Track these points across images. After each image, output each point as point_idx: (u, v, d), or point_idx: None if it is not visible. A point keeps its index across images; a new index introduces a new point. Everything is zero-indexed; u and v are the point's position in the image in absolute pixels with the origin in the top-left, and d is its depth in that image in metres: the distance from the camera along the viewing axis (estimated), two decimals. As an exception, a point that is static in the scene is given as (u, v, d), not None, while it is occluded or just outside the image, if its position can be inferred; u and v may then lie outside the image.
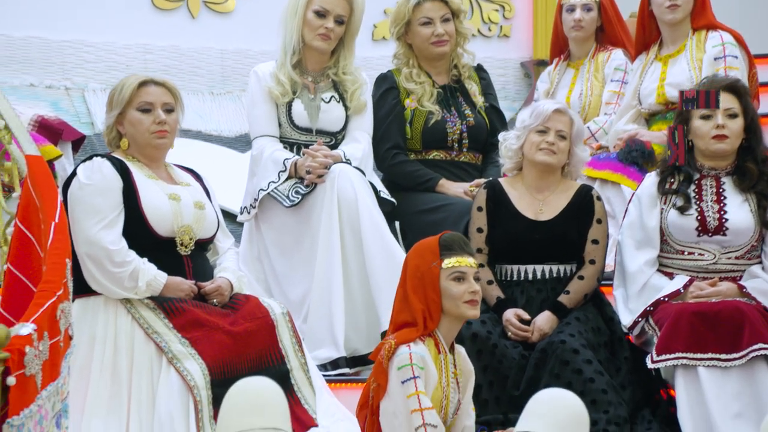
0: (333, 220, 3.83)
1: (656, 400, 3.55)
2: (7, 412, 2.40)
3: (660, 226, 3.63)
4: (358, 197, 3.83)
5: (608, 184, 4.26)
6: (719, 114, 3.58)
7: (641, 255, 3.63)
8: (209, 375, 3.24)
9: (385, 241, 3.81)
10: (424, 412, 2.92)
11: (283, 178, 3.94)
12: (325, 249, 3.83)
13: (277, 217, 3.97)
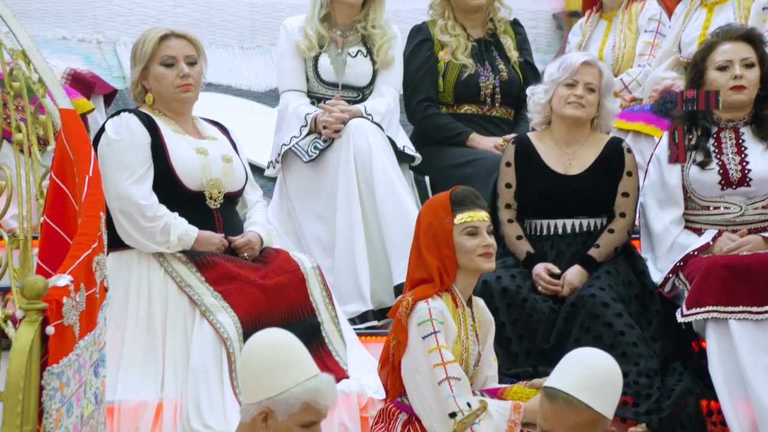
0: (350, 175, 3.83)
1: (687, 353, 3.55)
2: (48, 360, 2.45)
3: (682, 184, 3.60)
4: (372, 152, 3.82)
5: (641, 137, 4.22)
6: (736, 64, 3.52)
7: (666, 215, 3.60)
8: (241, 327, 3.29)
9: (398, 197, 3.81)
10: (447, 365, 2.94)
11: (304, 133, 3.95)
12: (344, 204, 3.83)
13: (298, 172, 3.99)
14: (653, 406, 3.34)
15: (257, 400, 2.44)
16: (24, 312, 2.43)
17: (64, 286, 2.56)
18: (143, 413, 3.19)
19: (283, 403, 2.42)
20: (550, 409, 2.48)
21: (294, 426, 2.42)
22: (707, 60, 3.59)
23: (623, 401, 3.30)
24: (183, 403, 3.23)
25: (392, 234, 3.75)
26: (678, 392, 3.37)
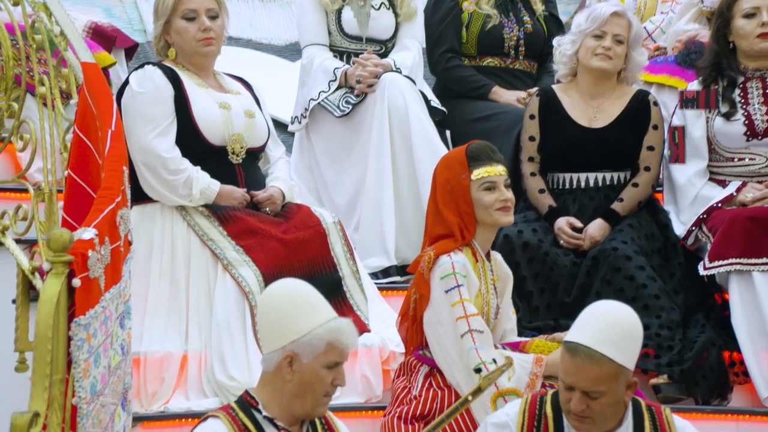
0: (383, 130, 3.82)
1: (710, 305, 3.56)
2: (75, 312, 2.49)
3: (706, 135, 3.56)
4: (408, 106, 3.81)
5: (665, 89, 4.17)
6: (764, 11, 3.46)
7: (689, 167, 3.58)
8: (263, 281, 3.31)
9: (435, 149, 3.81)
10: (470, 318, 2.95)
11: (333, 88, 3.93)
12: (376, 158, 3.84)
13: (326, 127, 3.98)
14: (675, 358, 3.35)
15: (280, 346, 2.47)
16: (51, 264, 2.46)
17: (89, 239, 2.58)
18: (168, 364, 3.23)
19: (307, 345, 2.44)
20: (571, 364, 2.49)
21: (319, 367, 2.45)
22: (733, 8, 3.52)
23: (645, 353, 3.31)
24: (207, 355, 3.27)
25: (428, 186, 3.72)
26: (700, 344, 3.38)
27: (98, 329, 2.60)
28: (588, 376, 2.47)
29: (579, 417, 2.50)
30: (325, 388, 2.46)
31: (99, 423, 2.59)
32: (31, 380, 2.37)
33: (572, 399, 2.49)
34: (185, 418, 3.11)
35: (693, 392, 3.35)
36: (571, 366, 2.48)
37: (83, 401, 2.50)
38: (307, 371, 2.44)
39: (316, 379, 2.44)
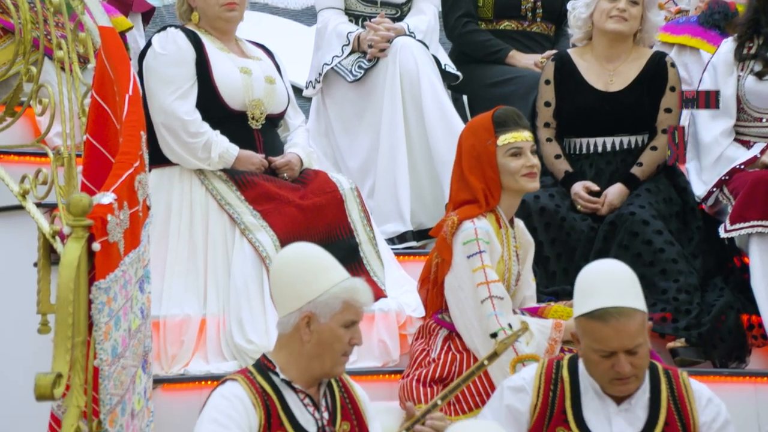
0: (395, 95, 3.81)
1: (729, 268, 3.55)
2: (95, 275, 2.51)
3: (736, 94, 3.52)
4: (420, 71, 3.80)
5: (686, 50, 4.12)
6: None
7: (716, 125, 3.54)
8: (280, 246, 3.33)
9: (447, 114, 3.79)
10: (491, 284, 2.95)
11: (346, 52, 3.92)
12: (389, 124, 3.83)
13: (340, 92, 3.97)
14: (693, 322, 3.35)
15: (297, 307, 2.48)
16: (71, 228, 2.48)
17: (108, 204, 2.59)
18: (188, 328, 3.27)
19: (324, 305, 2.46)
20: (606, 329, 2.45)
21: (336, 327, 2.47)
22: None
23: (662, 317, 3.32)
24: (226, 319, 3.30)
25: (442, 152, 3.75)
26: (718, 307, 3.37)
27: (118, 293, 2.62)
28: (628, 334, 2.44)
29: (625, 379, 2.48)
30: (343, 347, 2.48)
31: (120, 385, 2.62)
32: (53, 342, 2.40)
33: (616, 364, 2.46)
34: (204, 381, 3.15)
35: (710, 355, 3.35)
36: (607, 331, 2.44)
37: (105, 363, 2.53)
38: (324, 331, 2.46)
39: (334, 339, 2.46)
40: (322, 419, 2.48)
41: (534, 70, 3.94)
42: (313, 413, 2.48)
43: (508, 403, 2.57)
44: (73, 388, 2.41)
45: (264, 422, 2.41)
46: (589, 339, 2.50)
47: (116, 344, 2.61)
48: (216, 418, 2.39)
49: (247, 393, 2.44)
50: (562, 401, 2.53)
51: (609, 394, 2.52)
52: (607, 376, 2.49)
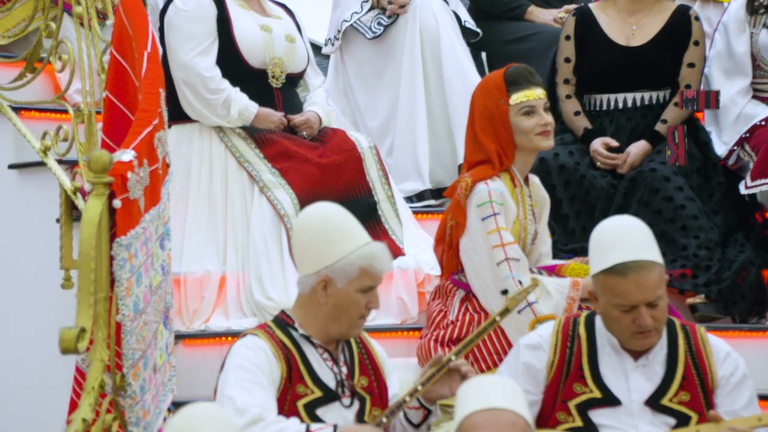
0: (415, 52, 3.79)
1: (750, 224, 3.53)
2: (116, 232, 2.53)
3: (750, 51, 3.47)
4: (440, 28, 3.77)
5: (709, 3, 4.05)
6: None
7: (732, 85, 3.50)
8: (299, 204, 3.34)
9: (465, 72, 3.77)
10: (506, 247, 2.95)
11: (366, 9, 3.89)
12: (408, 81, 3.81)
13: (359, 49, 3.95)
14: (713, 278, 3.34)
15: (315, 270, 2.49)
16: (92, 185, 2.49)
17: (128, 161, 2.61)
18: (208, 284, 3.30)
19: (341, 270, 2.47)
20: (627, 283, 2.44)
21: (353, 292, 2.48)
22: None
23: (682, 273, 3.31)
24: (245, 275, 3.33)
25: (458, 111, 3.73)
26: (739, 263, 3.36)
27: (139, 249, 2.65)
28: (648, 286, 2.44)
29: (647, 332, 2.48)
30: (360, 311, 2.49)
31: (142, 340, 2.65)
32: (76, 297, 2.43)
33: (638, 317, 2.45)
34: (225, 336, 3.18)
35: (730, 311, 3.35)
36: (628, 285, 2.44)
37: (127, 318, 2.56)
38: (341, 295, 2.47)
39: (350, 303, 2.47)
40: (341, 374, 2.50)
41: (553, 26, 3.90)
42: (332, 368, 2.50)
43: (524, 361, 2.57)
44: (96, 343, 2.44)
45: (285, 375, 2.44)
46: (609, 295, 2.49)
47: (138, 300, 2.63)
48: (242, 364, 2.41)
49: (268, 345, 2.47)
50: (578, 358, 2.54)
51: (627, 349, 2.53)
52: (629, 331, 2.49)
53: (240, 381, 2.38)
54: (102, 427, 2.40)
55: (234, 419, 2.33)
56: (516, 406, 2.03)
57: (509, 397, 2.05)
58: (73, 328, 2.34)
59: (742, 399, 2.51)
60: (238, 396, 2.35)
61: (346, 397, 2.48)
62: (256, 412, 2.33)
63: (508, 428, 1.98)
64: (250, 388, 2.37)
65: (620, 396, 2.50)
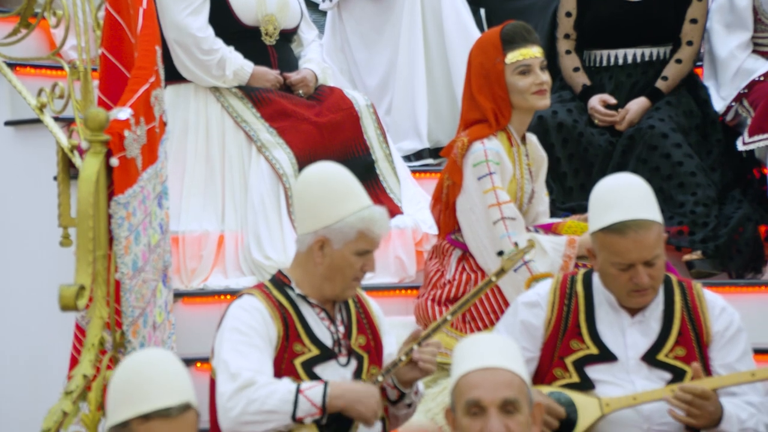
0: (415, 8, 3.76)
1: (747, 180, 3.53)
2: (113, 190, 2.53)
3: (752, 5, 3.44)
4: (440, -17, 3.74)
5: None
6: None
7: (732, 39, 3.47)
8: (297, 164, 3.33)
9: (466, 28, 3.74)
10: (502, 206, 2.95)
11: (364, -37, 3.85)
12: (407, 38, 3.78)
13: (357, 5, 3.91)
14: (709, 234, 3.35)
15: (313, 230, 2.49)
16: (89, 143, 2.48)
17: (125, 119, 2.60)
18: (206, 243, 3.31)
19: (339, 232, 2.47)
20: (626, 242, 2.45)
21: (349, 254, 2.48)
22: None
23: (679, 230, 3.32)
24: (243, 235, 3.33)
25: (459, 69, 3.70)
26: (736, 219, 3.37)
27: (137, 208, 2.65)
28: (646, 245, 2.45)
29: (643, 291, 2.49)
30: (355, 273, 2.49)
31: (142, 298, 2.67)
32: (75, 255, 2.43)
33: (635, 276, 2.46)
34: (224, 295, 3.20)
35: (727, 267, 3.36)
36: (626, 244, 2.44)
37: (126, 277, 2.57)
38: (337, 256, 2.47)
39: (345, 264, 2.47)
40: (338, 333, 2.51)
41: (554, -19, 3.86)
42: (329, 327, 2.51)
43: (522, 318, 2.58)
44: (95, 300, 2.46)
45: (282, 334, 2.44)
46: (607, 252, 2.50)
47: (136, 258, 2.64)
48: (237, 327, 2.42)
49: (264, 305, 2.47)
50: (576, 315, 2.55)
51: (624, 306, 2.54)
52: (626, 289, 2.50)
53: (235, 344, 2.39)
54: (103, 383, 2.42)
55: (227, 384, 2.35)
56: (512, 364, 2.05)
57: (505, 355, 2.06)
58: (72, 286, 2.35)
59: (736, 352, 2.53)
60: (232, 360, 2.37)
61: (343, 356, 2.49)
62: (248, 376, 2.34)
63: (503, 388, 1.99)
64: (245, 351, 2.38)
65: (617, 352, 2.52)
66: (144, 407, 1.84)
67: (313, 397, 2.36)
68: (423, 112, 3.80)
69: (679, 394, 2.40)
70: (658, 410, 2.46)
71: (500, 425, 1.96)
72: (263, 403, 2.33)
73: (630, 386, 2.49)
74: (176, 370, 1.90)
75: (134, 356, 1.93)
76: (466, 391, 2.01)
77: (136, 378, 1.87)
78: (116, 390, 1.89)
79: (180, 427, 1.85)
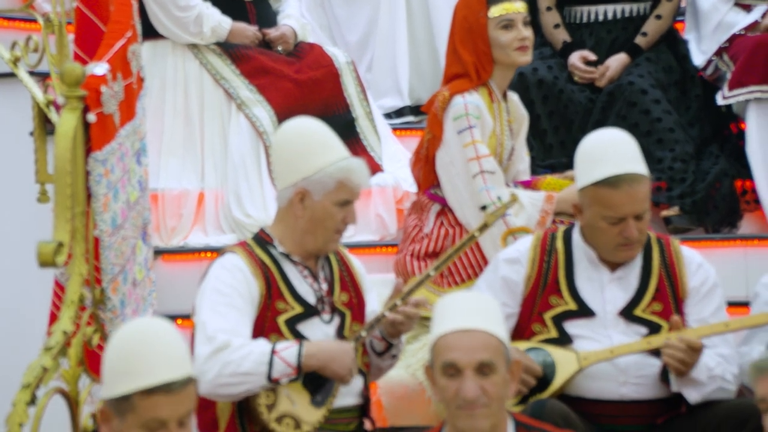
0: (397, -39, 3.71)
1: (725, 135, 3.55)
2: (91, 147, 2.51)
3: None
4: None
5: None
6: None
7: None
8: (277, 121, 3.31)
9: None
10: (481, 159, 2.95)
11: None
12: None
13: (339, -40, 3.87)
14: (687, 190, 3.38)
15: (292, 183, 2.48)
16: (65, 99, 2.46)
17: (101, 75, 2.57)
18: (186, 201, 3.30)
19: (318, 183, 2.46)
20: (618, 195, 2.45)
21: (330, 205, 2.48)
22: None
23: (657, 186, 3.34)
24: (224, 193, 3.32)
25: (441, 26, 3.67)
26: (713, 174, 3.39)
27: (115, 165, 2.63)
28: (638, 199, 2.46)
29: (632, 245, 2.50)
30: (336, 225, 2.49)
31: (121, 255, 2.66)
32: (53, 212, 2.42)
33: (625, 229, 2.47)
34: (204, 252, 3.20)
35: (703, 222, 3.39)
36: (619, 197, 2.45)
37: (105, 234, 2.56)
38: (317, 208, 2.47)
39: (326, 216, 2.47)
40: (321, 290, 2.51)
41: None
42: (312, 284, 2.51)
43: (503, 275, 2.59)
44: (74, 257, 2.45)
45: (265, 292, 2.44)
46: (598, 206, 2.50)
47: (115, 215, 2.63)
48: (218, 287, 2.42)
49: (246, 264, 2.47)
50: (555, 271, 2.56)
51: (604, 262, 2.56)
52: (614, 243, 2.51)
53: (214, 305, 2.39)
54: (83, 339, 2.43)
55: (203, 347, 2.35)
56: (490, 325, 2.05)
57: (484, 316, 2.06)
58: (50, 242, 2.34)
59: (711, 307, 2.56)
60: (210, 321, 2.37)
61: (326, 313, 2.49)
62: (223, 338, 2.34)
63: (479, 350, 2.00)
64: (224, 312, 2.38)
65: (595, 307, 2.54)
66: (147, 381, 1.82)
67: (288, 357, 2.37)
68: (404, 69, 3.78)
69: (679, 345, 2.41)
70: (634, 363, 2.50)
71: (475, 387, 1.98)
72: (239, 365, 2.34)
73: (607, 341, 2.52)
74: (176, 341, 1.88)
75: (133, 326, 1.89)
76: (443, 353, 2.02)
77: (137, 350, 1.84)
78: (115, 361, 1.85)
79: (181, 400, 1.84)
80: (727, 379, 2.48)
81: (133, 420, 1.83)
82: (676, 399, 2.51)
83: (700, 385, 2.44)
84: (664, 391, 2.50)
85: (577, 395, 2.49)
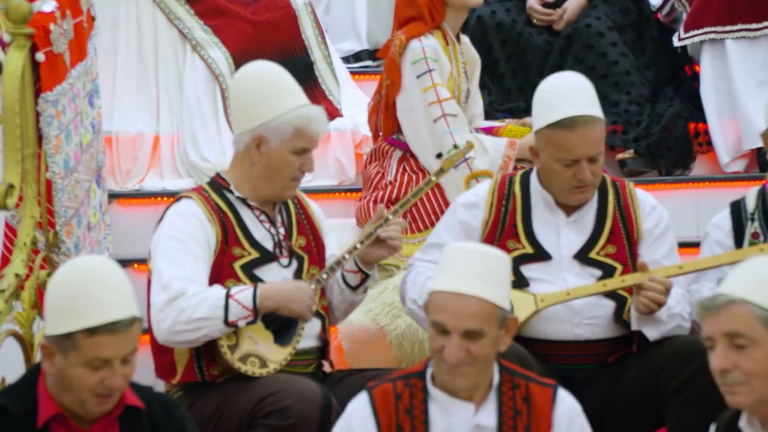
0: None
1: (680, 77, 3.57)
2: (41, 87, 2.45)
3: None
4: None
5: None
6: None
7: None
8: (233, 64, 3.26)
9: None
10: (443, 103, 2.95)
11: None
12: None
13: None
14: (642, 133, 3.41)
15: (249, 128, 2.45)
16: (11, 36, 2.39)
17: (49, 12, 2.51)
18: (141, 144, 3.25)
19: (275, 129, 2.43)
20: (573, 137, 2.45)
21: (286, 152, 2.45)
22: None
23: (613, 130, 3.37)
24: (180, 136, 3.28)
25: None
26: (668, 117, 3.43)
27: (67, 106, 2.58)
28: (593, 141, 2.47)
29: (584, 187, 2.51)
30: (293, 173, 2.47)
31: (75, 198, 2.63)
32: (2, 153, 2.37)
33: (578, 172, 2.48)
34: (160, 197, 3.17)
35: (657, 164, 3.43)
36: (573, 139, 2.45)
37: (57, 176, 2.52)
38: (274, 155, 2.44)
39: (283, 163, 2.45)
40: (278, 234, 2.50)
41: None
42: (269, 229, 2.50)
43: (461, 219, 2.60)
44: (26, 200, 2.41)
45: (221, 238, 2.43)
46: (553, 148, 2.50)
47: (68, 158, 2.59)
48: (173, 234, 2.40)
49: (202, 210, 2.44)
50: (513, 215, 2.58)
51: (561, 206, 2.58)
52: (568, 185, 2.53)
53: (169, 252, 2.37)
54: (36, 282, 2.40)
55: (159, 295, 2.34)
56: (488, 289, 2.00)
57: (484, 278, 2.01)
58: (1, 185, 2.30)
59: (663, 249, 2.59)
60: (165, 269, 2.35)
61: (284, 257, 2.49)
62: (178, 286, 2.33)
63: (468, 318, 1.98)
64: (179, 259, 2.36)
65: (551, 251, 2.57)
66: (91, 320, 1.81)
67: (243, 299, 2.36)
68: (362, 11, 3.74)
69: (658, 287, 2.43)
70: (588, 305, 2.54)
71: (459, 351, 1.98)
72: (194, 311, 2.33)
73: (562, 283, 2.55)
74: (121, 281, 1.86)
75: (76, 264, 1.87)
76: (434, 310, 2.02)
77: (81, 288, 1.82)
78: (58, 298, 1.84)
79: (125, 340, 1.84)
80: (684, 317, 2.53)
81: (75, 358, 1.82)
82: (627, 338, 2.56)
83: (660, 323, 2.48)
84: (616, 330, 2.55)
85: (532, 336, 2.53)
